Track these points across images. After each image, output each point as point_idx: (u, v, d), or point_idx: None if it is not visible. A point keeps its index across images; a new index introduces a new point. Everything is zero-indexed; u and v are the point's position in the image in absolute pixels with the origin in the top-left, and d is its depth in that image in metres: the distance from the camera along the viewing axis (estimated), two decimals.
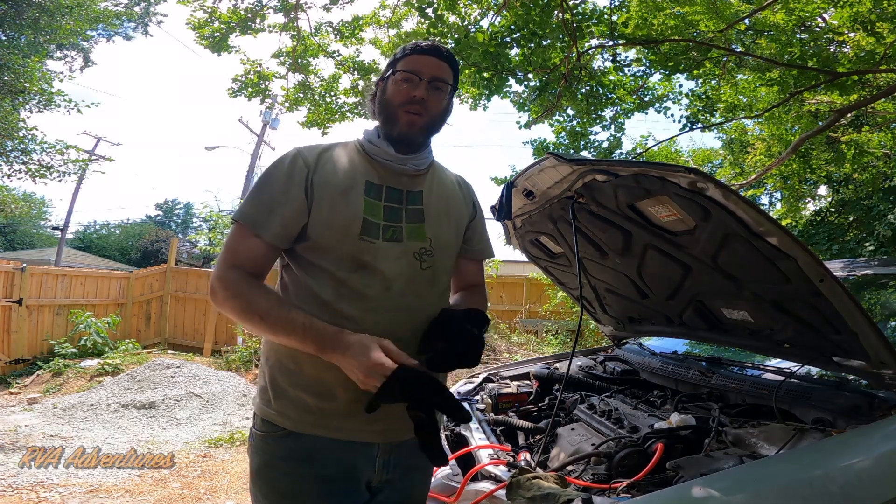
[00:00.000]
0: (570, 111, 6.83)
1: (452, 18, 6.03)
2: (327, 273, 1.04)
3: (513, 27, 5.76)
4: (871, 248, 6.02)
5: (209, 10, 6.41)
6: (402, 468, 1.10)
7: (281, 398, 1.06)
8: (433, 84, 1.11)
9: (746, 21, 5.89)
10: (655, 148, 8.34)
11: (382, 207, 1.10)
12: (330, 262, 1.05)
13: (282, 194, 1.06)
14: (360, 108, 7.25)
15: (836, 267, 2.32)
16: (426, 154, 1.18)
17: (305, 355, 1.03)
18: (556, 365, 2.27)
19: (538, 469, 1.26)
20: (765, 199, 11.72)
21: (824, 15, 6.31)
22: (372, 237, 1.06)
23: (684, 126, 6.93)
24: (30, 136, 9.07)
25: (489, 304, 9.03)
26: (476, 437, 1.57)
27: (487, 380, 2.21)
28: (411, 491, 1.15)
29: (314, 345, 0.97)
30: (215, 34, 6.46)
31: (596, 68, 6.57)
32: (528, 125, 6.85)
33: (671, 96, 7.21)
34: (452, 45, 5.71)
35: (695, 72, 6.48)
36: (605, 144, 6.99)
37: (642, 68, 6.62)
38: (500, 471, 1.30)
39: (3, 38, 9.10)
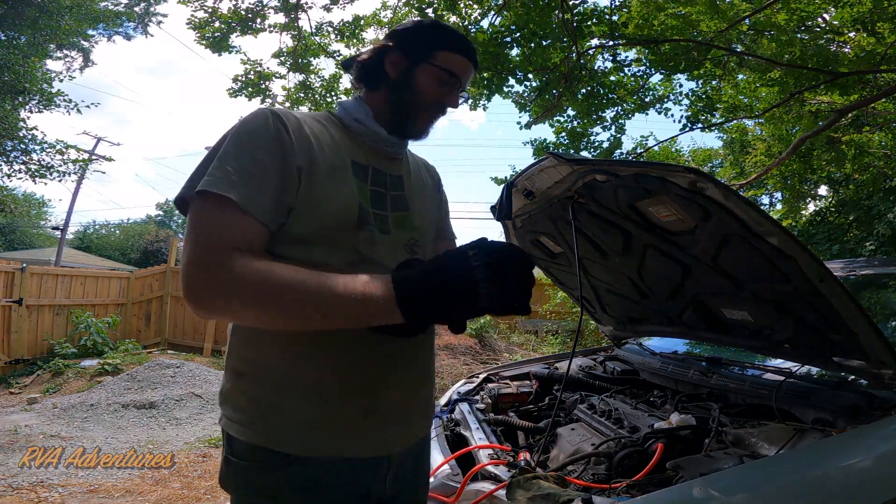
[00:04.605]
0: (570, 111, 6.84)
1: (453, 18, 6.04)
2: (322, 267, 0.82)
3: (513, 27, 5.76)
4: (872, 248, 6.02)
5: (210, 10, 6.41)
6: (408, 478, 0.99)
7: (273, 415, 0.84)
8: (461, 91, 1.02)
9: (747, 21, 5.89)
10: (656, 148, 8.34)
11: (369, 192, 0.93)
12: (324, 255, 0.85)
13: (273, 162, 0.82)
14: None
15: (836, 267, 2.32)
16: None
17: (298, 351, 0.84)
18: (556, 365, 2.27)
19: (538, 469, 1.26)
20: (765, 200, 11.73)
21: (825, 15, 6.31)
22: (369, 226, 0.90)
23: (684, 126, 6.93)
24: (30, 136, 9.09)
25: None
26: (476, 437, 1.57)
27: (487, 380, 2.21)
28: (415, 499, 1.07)
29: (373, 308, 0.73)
30: (216, 34, 6.48)
31: (596, 68, 6.57)
32: (528, 125, 6.86)
33: (672, 97, 7.22)
34: None
35: (695, 72, 6.48)
36: (606, 145, 6.99)
37: (643, 68, 6.62)
38: (500, 471, 1.30)
39: (3, 38, 9.10)
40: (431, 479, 1.37)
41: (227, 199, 0.78)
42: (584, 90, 6.39)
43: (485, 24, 6.12)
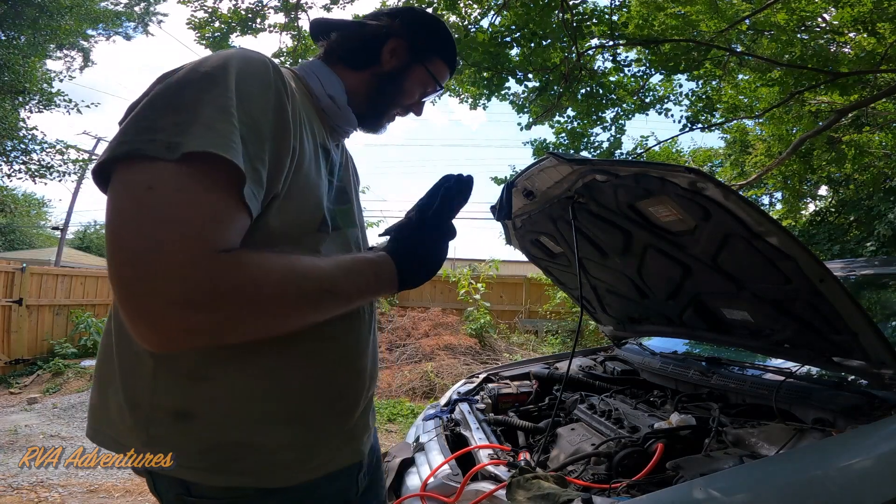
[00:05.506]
0: (570, 112, 6.85)
1: (453, 18, 6.04)
2: None
3: (513, 27, 5.76)
4: (872, 248, 6.02)
5: (210, 10, 6.42)
6: (372, 467, 0.98)
7: (249, 456, 0.71)
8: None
9: (747, 21, 5.89)
10: (656, 148, 8.35)
11: (325, 183, 0.79)
12: None
13: (270, 132, 0.63)
14: None
15: (836, 267, 2.31)
16: None
17: (277, 385, 0.72)
18: (556, 365, 2.27)
19: (538, 469, 1.26)
20: (765, 200, 11.74)
21: (825, 15, 6.32)
22: (326, 225, 0.77)
23: (684, 126, 6.94)
24: (30, 136, 9.10)
25: (489, 304, 8.91)
26: (476, 437, 1.57)
27: (487, 380, 2.21)
28: (378, 484, 1.04)
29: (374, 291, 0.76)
30: (216, 34, 6.47)
31: (596, 68, 6.58)
32: (528, 126, 6.86)
33: (672, 97, 7.23)
34: None
35: (695, 72, 6.49)
36: (606, 145, 7.00)
37: (643, 68, 6.63)
38: (500, 471, 1.30)
39: (3, 38, 9.12)
40: (431, 480, 1.37)
41: (229, 171, 0.56)
42: (584, 90, 6.40)
43: (485, 23, 6.13)
